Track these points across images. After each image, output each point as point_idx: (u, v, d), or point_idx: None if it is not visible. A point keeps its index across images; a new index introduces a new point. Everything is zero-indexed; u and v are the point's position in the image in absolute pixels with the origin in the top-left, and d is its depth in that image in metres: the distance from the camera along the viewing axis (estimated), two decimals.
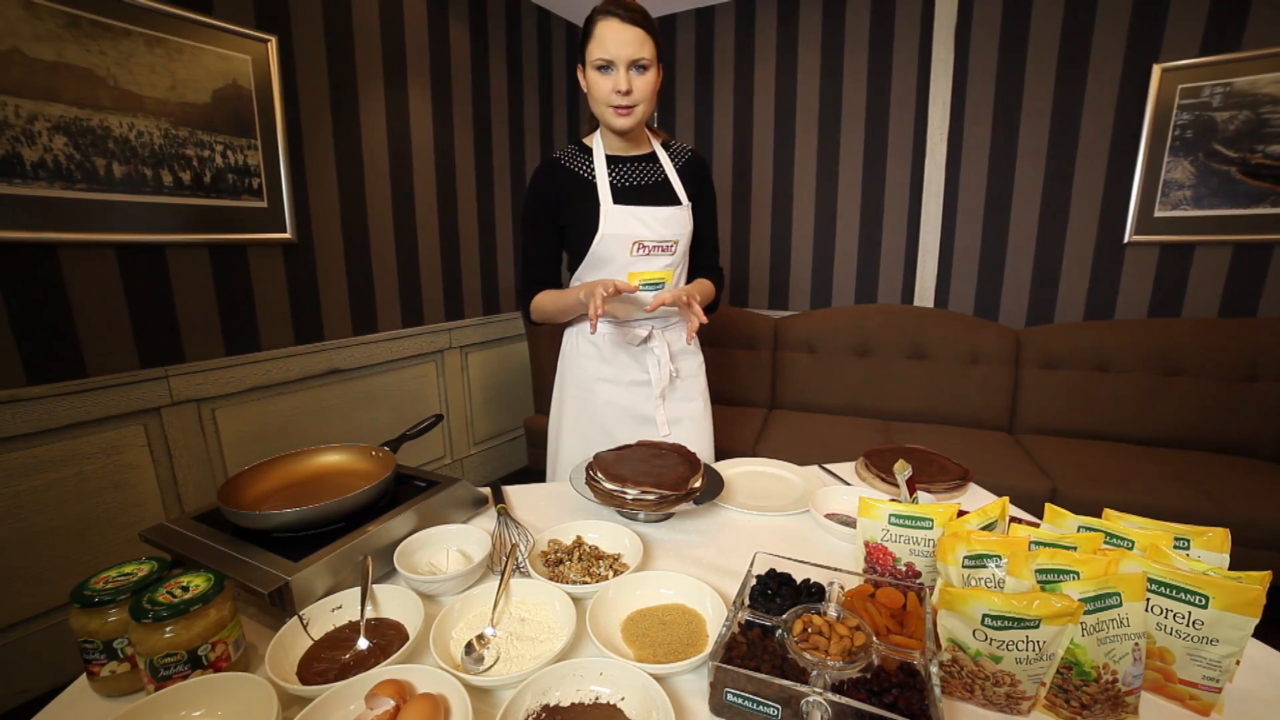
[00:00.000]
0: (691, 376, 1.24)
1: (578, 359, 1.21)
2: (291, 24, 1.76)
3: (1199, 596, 0.55)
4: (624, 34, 0.97)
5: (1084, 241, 2.19)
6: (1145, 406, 1.99)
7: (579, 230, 1.11)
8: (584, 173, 1.12)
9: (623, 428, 1.19)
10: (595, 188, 1.10)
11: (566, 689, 0.55)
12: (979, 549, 0.63)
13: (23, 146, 1.31)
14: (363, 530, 0.75)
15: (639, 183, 1.13)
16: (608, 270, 1.12)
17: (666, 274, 1.14)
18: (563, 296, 1.13)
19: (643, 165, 1.14)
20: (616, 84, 1.00)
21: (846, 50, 2.47)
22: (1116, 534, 0.67)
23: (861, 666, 0.55)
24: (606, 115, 1.05)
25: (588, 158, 1.13)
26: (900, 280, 2.53)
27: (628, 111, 1.03)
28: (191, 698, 0.50)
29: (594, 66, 1.01)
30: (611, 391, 1.19)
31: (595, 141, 1.13)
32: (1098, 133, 2.11)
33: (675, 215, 1.12)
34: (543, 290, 1.18)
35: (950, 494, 1.04)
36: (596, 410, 1.20)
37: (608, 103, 1.02)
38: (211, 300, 1.65)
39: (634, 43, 0.98)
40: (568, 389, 1.23)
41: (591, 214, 1.09)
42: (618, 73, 1.00)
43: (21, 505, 1.35)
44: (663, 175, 1.15)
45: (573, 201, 1.11)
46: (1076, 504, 1.67)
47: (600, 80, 1.01)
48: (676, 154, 1.18)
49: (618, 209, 1.09)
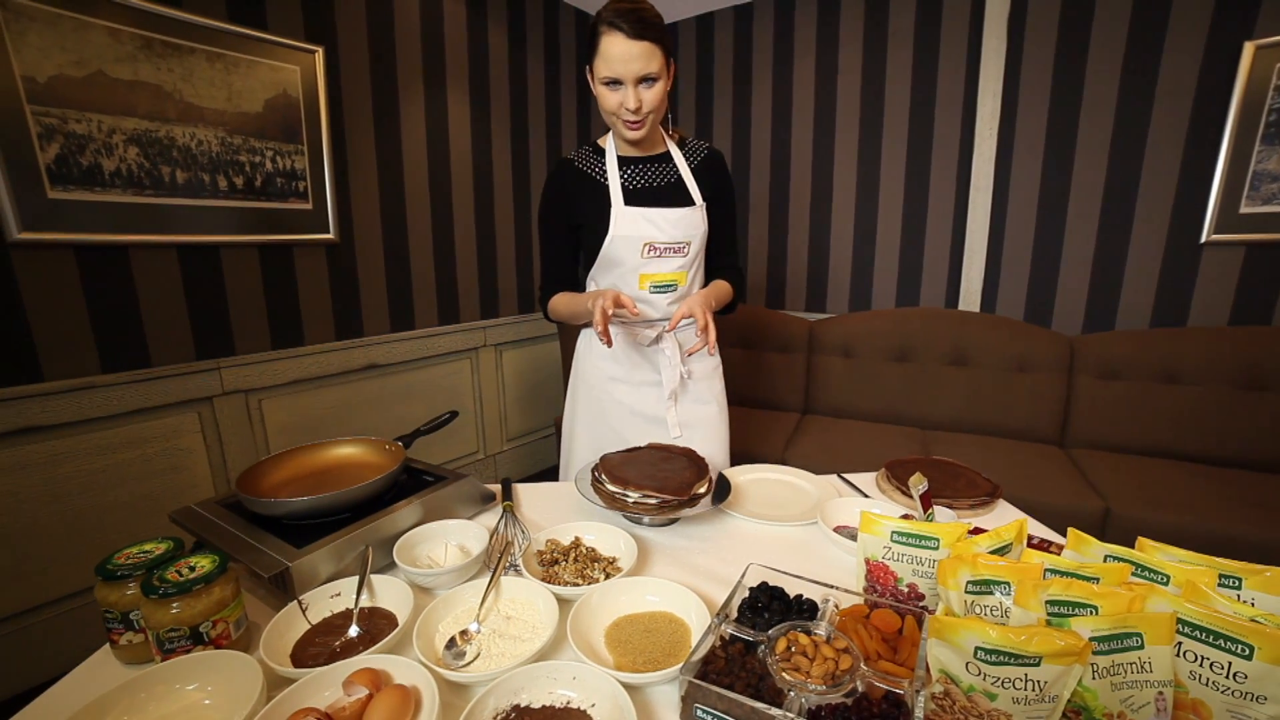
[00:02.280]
0: (705, 379, 1.22)
1: (590, 358, 1.22)
2: (338, 35, 1.85)
3: (1242, 645, 0.49)
4: (631, 50, 0.94)
5: (1152, 241, 2.00)
6: (1220, 423, 1.80)
7: (591, 231, 1.11)
8: (596, 174, 1.12)
9: (633, 428, 1.19)
10: (607, 189, 1.10)
11: (538, 691, 0.55)
12: (985, 574, 0.58)
13: (103, 158, 1.45)
14: (366, 521, 0.78)
15: (651, 184, 1.12)
16: (619, 271, 1.11)
17: (679, 275, 1.12)
18: (574, 302, 1.14)
19: (655, 166, 1.13)
20: (625, 100, 0.98)
21: (890, 43, 2.36)
22: (1150, 566, 0.60)
23: (845, 692, 0.53)
24: (617, 126, 1.05)
25: (600, 159, 1.12)
26: (945, 283, 2.40)
27: (638, 125, 1.02)
28: (186, 672, 0.53)
29: (601, 81, 0.99)
30: (622, 391, 1.19)
31: (608, 142, 1.13)
32: (1172, 121, 1.93)
33: (687, 216, 1.10)
34: (559, 291, 1.19)
35: (975, 511, 0.97)
36: (608, 410, 1.20)
37: (616, 115, 1.01)
38: (260, 297, 1.76)
39: (641, 58, 0.95)
40: (580, 388, 1.24)
41: (603, 215, 1.09)
42: (626, 89, 0.97)
43: (95, 482, 1.50)
44: (676, 176, 1.13)
45: (585, 202, 1.11)
46: (1132, 527, 1.54)
47: (608, 94, 0.99)
48: (692, 152, 1.16)
49: (628, 210, 1.08)
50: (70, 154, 1.39)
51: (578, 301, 1.13)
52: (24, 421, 1.37)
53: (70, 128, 1.39)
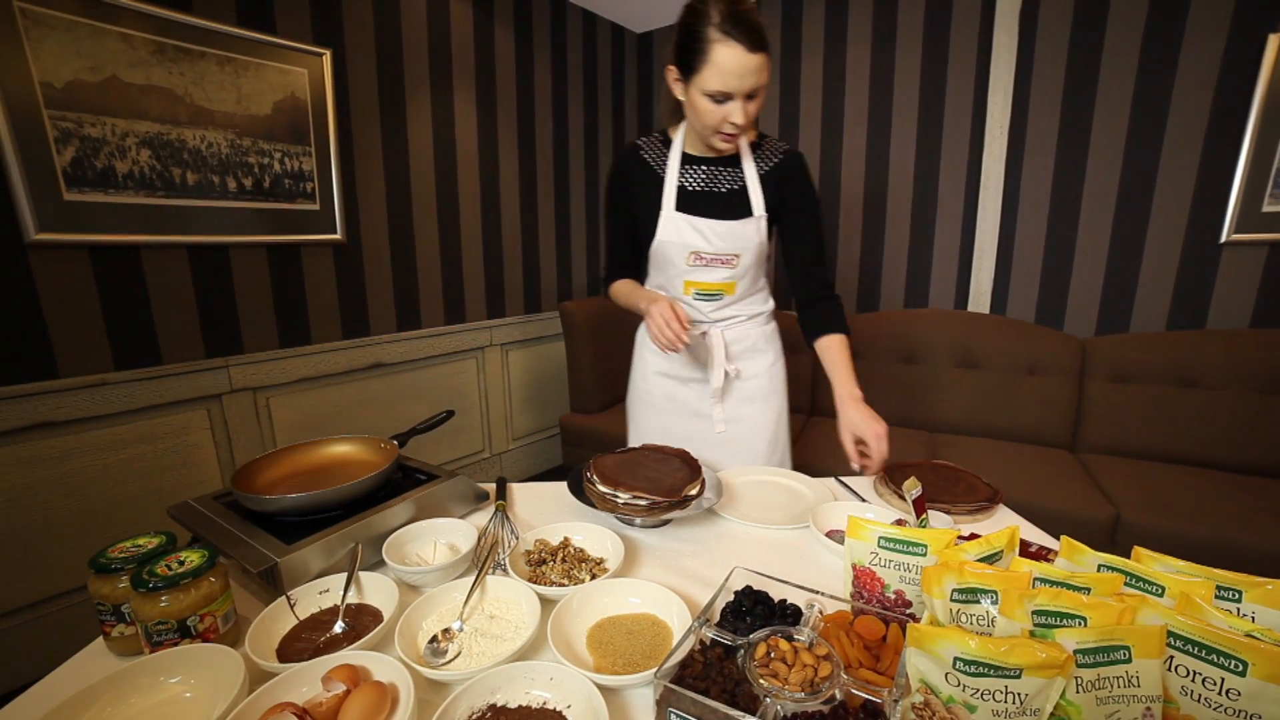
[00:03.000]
0: (756, 378, 1.17)
1: (643, 351, 1.22)
2: (345, 37, 1.88)
3: (1234, 661, 0.47)
4: (749, 64, 0.86)
5: (1169, 241, 1.95)
6: (1240, 429, 1.74)
7: (645, 225, 1.08)
8: (658, 167, 1.06)
9: (678, 422, 1.17)
10: (663, 186, 1.05)
11: (515, 691, 0.55)
12: (972, 582, 0.57)
13: (116, 160, 1.48)
14: (357, 518, 0.78)
15: (711, 188, 1.05)
16: (668, 273, 1.09)
17: (726, 285, 1.08)
18: (632, 296, 1.10)
19: (722, 169, 1.06)
20: (729, 115, 0.90)
21: (899, 39, 2.33)
22: (1144, 577, 0.59)
23: (823, 699, 0.52)
24: (709, 136, 0.97)
25: (666, 151, 1.06)
26: (954, 284, 2.36)
27: (734, 139, 0.96)
28: (170, 665, 0.54)
29: (704, 93, 0.90)
30: (669, 385, 1.18)
31: (677, 134, 1.06)
32: (1190, 117, 1.87)
33: (738, 229, 1.04)
34: (622, 278, 1.15)
35: (974, 517, 0.96)
36: (655, 403, 1.20)
37: (715, 129, 0.94)
38: (268, 296, 1.79)
39: (757, 73, 0.87)
40: (635, 379, 1.24)
41: (655, 213, 1.05)
42: (734, 104, 0.89)
43: (107, 477, 1.53)
44: (740, 182, 1.05)
45: (642, 195, 1.07)
46: (1142, 534, 1.50)
47: (711, 107, 0.91)
48: (767, 155, 1.07)
49: (676, 216, 1.03)
50: (85, 157, 1.43)
51: (634, 296, 1.09)
52: (40, 417, 1.40)
53: (85, 131, 1.42)
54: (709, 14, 0.86)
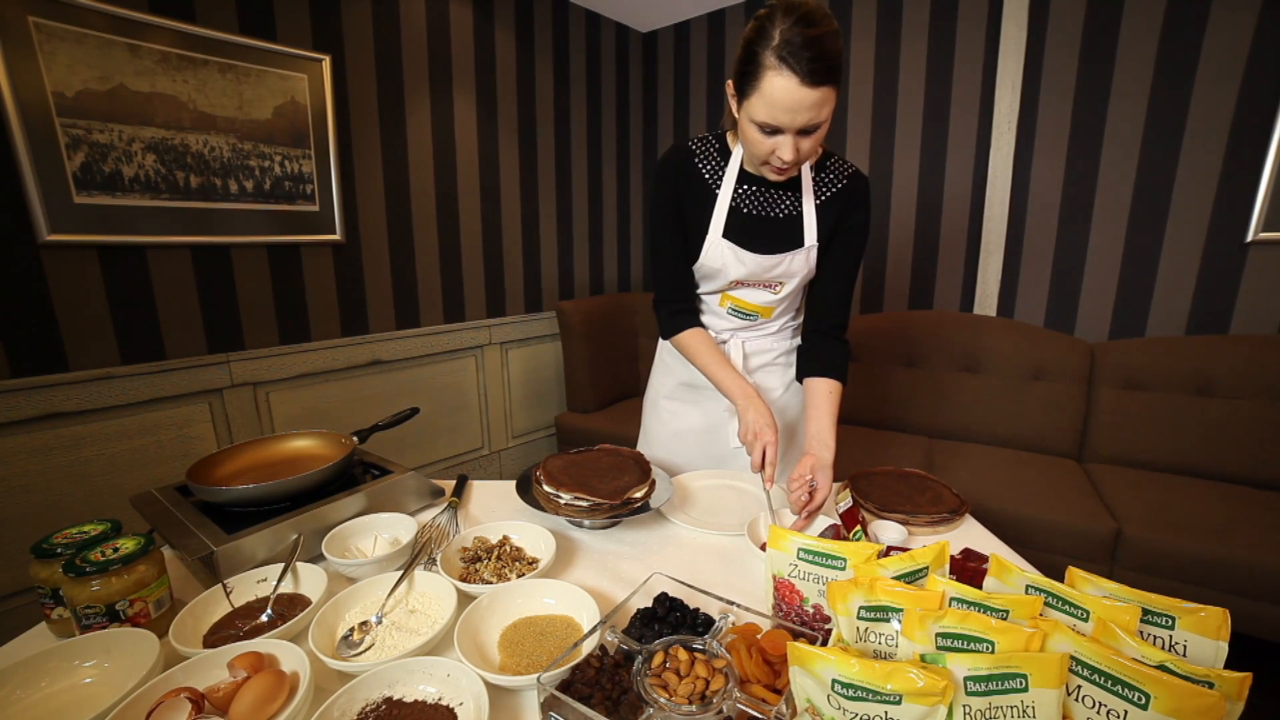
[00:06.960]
0: (771, 390, 1.12)
1: (662, 361, 1.20)
2: (344, 42, 1.93)
3: (1138, 693, 0.44)
4: (802, 100, 0.75)
5: (1189, 240, 1.84)
6: (1263, 441, 1.63)
7: (691, 237, 1.00)
8: (711, 179, 0.97)
9: (691, 435, 1.16)
10: (714, 205, 0.97)
11: (412, 685, 0.56)
12: (882, 599, 0.55)
13: (123, 165, 1.56)
14: (301, 510, 0.81)
15: (764, 213, 0.97)
16: (711, 285, 1.05)
17: (764, 309, 1.04)
18: (715, 371, 1.00)
19: (778, 193, 0.97)
20: (778, 149, 0.81)
21: (904, 34, 2.26)
22: (1069, 600, 0.56)
23: (713, 713, 0.51)
24: (758, 166, 0.90)
25: (723, 163, 0.97)
26: (960, 285, 2.28)
27: (787, 173, 0.88)
28: (85, 650, 0.57)
29: (752, 121, 0.80)
30: (686, 397, 1.17)
31: (737, 147, 0.96)
32: (1214, 108, 1.76)
33: (785, 261, 0.98)
34: (686, 311, 1.05)
35: (934, 529, 0.92)
36: (669, 414, 1.18)
37: (763, 160, 0.86)
38: (268, 295, 1.86)
39: (812, 109, 0.76)
40: (653, 388, 1.23)
41: (701, 234, 0.98)
42: (784, 138, 0.80)
43: (114, 465, 1.62)
44: (797, 210, 0.97)
45: (691, 205, 0.98)
46: (1145, 552, 1.42)
47: (760, 138, 0.82)
48: (831, 179, 0.98)
49: (723, 244, 0.97)
50: (94, 162, 1.51)
51: (718, 373, 0.99)
52: (51, 407, 1.49)
53: (94, 138, 1.50)
54: (770, 34, 0.74)
